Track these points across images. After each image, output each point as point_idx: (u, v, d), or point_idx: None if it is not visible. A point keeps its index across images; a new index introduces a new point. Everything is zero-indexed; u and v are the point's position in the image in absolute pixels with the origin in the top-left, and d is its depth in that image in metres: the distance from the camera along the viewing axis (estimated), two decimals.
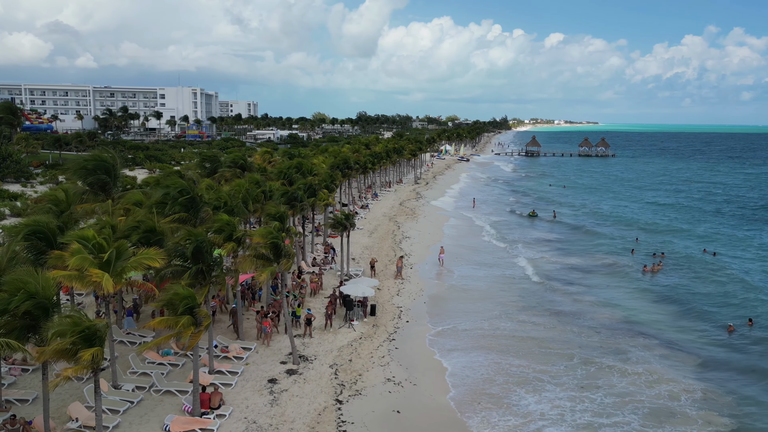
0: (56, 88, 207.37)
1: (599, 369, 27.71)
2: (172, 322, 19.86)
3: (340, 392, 24.14)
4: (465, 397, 24.71)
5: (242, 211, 32.18)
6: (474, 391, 25.22)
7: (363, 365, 26.93)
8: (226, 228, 26.64)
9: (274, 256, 25.26)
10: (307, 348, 28.38)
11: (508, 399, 24.59)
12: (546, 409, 23.71)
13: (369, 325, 32.07)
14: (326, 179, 52.07)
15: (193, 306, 20.15)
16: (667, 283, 43.23)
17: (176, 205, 27.77)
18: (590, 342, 31.25)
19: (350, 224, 37.69)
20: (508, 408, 23.80)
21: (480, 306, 36.76)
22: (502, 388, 25.58)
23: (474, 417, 23.04)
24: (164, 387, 23.11)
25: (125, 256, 21.52)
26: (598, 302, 38.09)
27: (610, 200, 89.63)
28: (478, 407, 23.83)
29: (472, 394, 24.93)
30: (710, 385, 26.52)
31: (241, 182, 36.16)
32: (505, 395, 24.91)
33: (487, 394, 25.04)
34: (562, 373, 27.09)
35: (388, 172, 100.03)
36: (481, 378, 26.58)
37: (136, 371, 24.55)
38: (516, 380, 26.32)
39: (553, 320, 34.47)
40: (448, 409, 23.71)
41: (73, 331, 16.06)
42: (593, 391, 25.47)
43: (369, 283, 33.94)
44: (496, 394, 25.04)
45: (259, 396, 23.31)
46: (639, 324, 34.45)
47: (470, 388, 25.50)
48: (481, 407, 23.83)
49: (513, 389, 25.43)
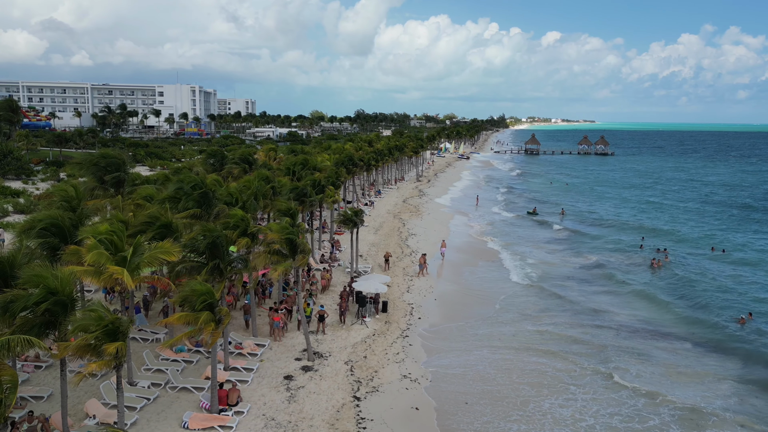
0: (54, 86, 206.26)
1: (620, 369, 27.51)
2: (192, 319, 19.61)
3: (357, 389, 23.92)
4: (483, 395, 24.50)
5: (253, 206, 31.91)
6: (492, 390, 25.01)
7: (378, 362, 26.71)
8: (241, 224, 26.38)
9: (289, 252, 25.00)
10: (321, 345, 28.15)
11: (526, 397, 24.41)
12: (568, 413, 23.44)
13: (381, 321, 31.85)
14: (332, 175, 51.82)
15: (212, 302, 19.90)
16: (677, 280, 43.09)
17: (189, 201, 27.51)
18: (609, 340, 31.04)
19: (359, 220, 37.45)
20: (527, 406, 23.62)
21: (491, 303, 36.58)
22: (520, 386, 25.41)
23: (494, 414, 22.84)
24: (180, 384, 22.85)
25: (140, 251, 21.27)
26: (612, 300, 37.83)
27: (613, 198, 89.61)
28: (498, 405, 23.63)
29: (491, 392, 24.72)
30: (740, 382, 26.23)
31: (250, 178, 35.88)
32: (523, 394, 24.72)
33: (505, 392, 24.85)
34: (585, 374, 26.80)
35: (390, 170, 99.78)
36: (500, 376, 26.38)
37: (150, 368, 24.28)
38: (535, 380, 26.13)
39: (569, 318, 34.28)
40: (466, 406, 23.49)
41: (97, 326, 15.79)
42: (618, 390, 25.26)
43: (381, 279, 33.72)
44: (512, 392, 24.85)
45: (276, 393, 23.08)
46: (655, 321, 34.32)
47: (489, 387, 25.29)
48: (501, 405, 23.64)
49: (532, 389, 25.24)
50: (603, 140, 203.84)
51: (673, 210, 78.63)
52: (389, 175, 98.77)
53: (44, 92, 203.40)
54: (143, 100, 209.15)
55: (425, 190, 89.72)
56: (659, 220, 70.63)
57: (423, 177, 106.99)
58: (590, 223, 68.28)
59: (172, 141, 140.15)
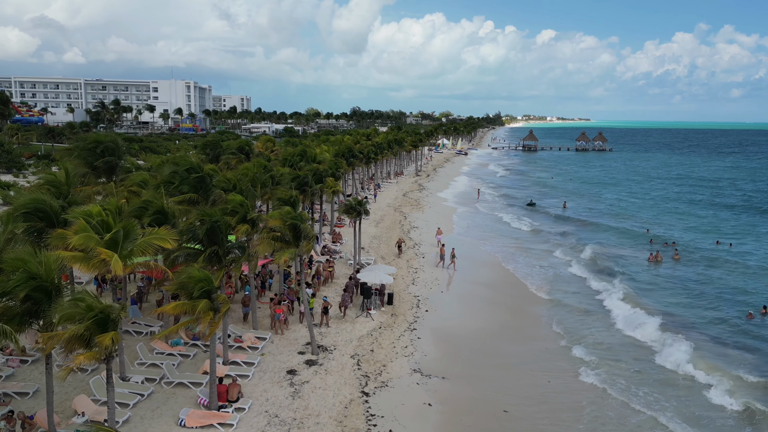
0: (47, 81, 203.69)
1: (639, 370, 26.19)
2: (189, 307, 18.09)
3: (365, 384, 22.46)
4: (497, 391, 23.10)
5: (252, 194, 30.33)
6: (505, 386, 23.62)
7: (386, 355, 25.26)
8: (240, 209, 24.85)
9: (293, 239, 23.48)
10: (325, 338, 26.67)
11: (544, 389, 23.03)
12: None
13: (387, 314, 30.39)
14: (331, 167, 50.29)
15: (209, 290, 18.40)
16: (688, 274, 41.82)
17: (185, 185, 25.97)
18: (621, 336, 29.71)
19: (363, 209, 35.93)
20: (545, 399, 22.24)
21: (500, 297, 35.22)
22: (535, 379, 24.04)
23: (510, 410, 21.44)
24: (176, 379, 21.35)
25: (133, 237, 19.74)
26: (623, 294, 36.25)
27: (614, 192, 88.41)
28: (511, 400, 22.23)
29: (504, 388, 23.33)
30: None
31: (248, 166, 34.34)
32: (538, 387, 23.34)
33: (520, 388, 23.47)
34: (603, 372, 25.43)
35: (388, 164, 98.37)
36: (513, 371, 25.00)
37: (144, 362, 22.75)
38: (550, 374, 24.77)
39: (577, 311, 32.93)
40: (482, 402, 22.08)
41: (87, 316, 14.26)
42: (640, 386, 23.93)
43: (386, 270, 32.24)
44: (530, 388, 23.46)
45: (279, 388, 21.59)
46: (670, 315, 32.95)
47: (501, 382, 23.91)
48: (519, 401, 22.25)
49: (548, 382, 23.87)
50: (601, 136, 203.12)
51: (675, 204, 77.54)
52: (388, 170, 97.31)
53: (37, 88, 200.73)
54: (137, 96, 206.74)
55: (425, 184, 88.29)
56: (663, 214, 69.46)
57: (422, 172, 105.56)
58: (593, 215, 66.95)
59: (167, 136, 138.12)
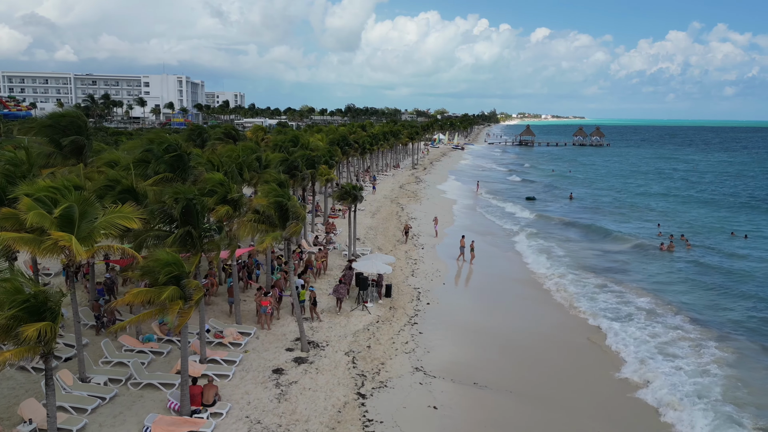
0: (36, 76, 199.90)
1: None
2: (154, 295, 15.40)
3: (362, 384, 19.81)
4: (508, 393, 20.52)
5: (236, 176, 27.63)
6: (515, 385, 21.04)
7: (384, 352, 22.62)
8: (219, 189, 22.16)
9: (279, 220, 20.76)
10: (317, 333, 24.00)
11: (573, 389, 20.48)
12: None
13: (385, 307, 27.75)
14: (325, 154, 47.58)
15: (179, 275, 15.71)
16: (701, 265, 39.37)
17: (161, 164, 23.23)
18: (645, 330, 27.19)
19: (358, 195, 33.25)
20: (563, 398, 19.70)
21: (504, 291, 32.66)
22: (550, 380, 21.48)
23: (525, 412, 18.88)
24: (144, 379, 18.65)
25: (92, 216, 17.04)
26: (636, 287, 33.65)
27: (617, 185, 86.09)
28: (523, 400, 19.66)
29: (515, 389, 20.75)
30: None
31: (233, 147, 31.61)
32: (563, 385, 20.78)
33: (535, 387, 20.90)
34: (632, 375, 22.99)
35: (384, 157, 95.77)
36: (527, 369, 22.43)
37: (110, 360, 20.05)
38: (566, 376, 22.22)
39: (595, 308, 30.39)
40: (493, 405, 19.50)
41: (13, 301, 11.58)
42: None
43: (384, 259, 29.57)
44: (543, 388, 20.89)
45: (262, 389, 18.93)
46: (679, 308, 30.46)
47: (511, 376, 21.33)
48: (528, 399, 19.67)
49: (577, 379, 21.32)
50: (598, 132, 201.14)
51: (684, 196, 75.27)
52: (385, 162, 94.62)
53: (26, 83, 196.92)
54: (128, 91, 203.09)
55: (422, 177, 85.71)
56: (671, 206, 67.16)
57: (419, 165, 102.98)
58: (599, 208, 64.52)
59: (158, 131, 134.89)
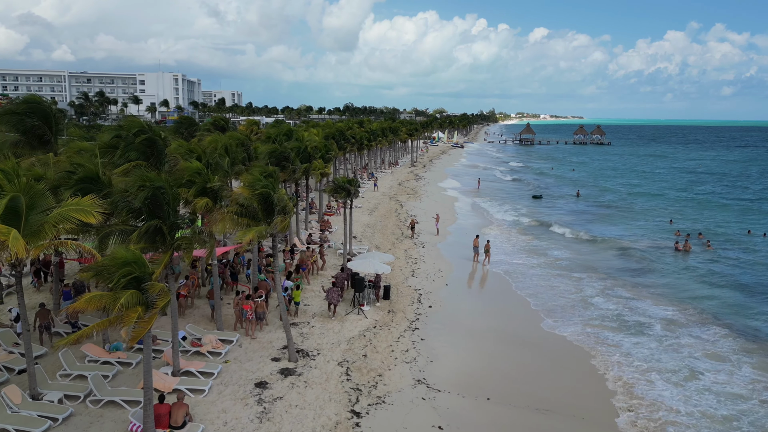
0: (30, 73, 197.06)
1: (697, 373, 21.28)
2: (108, 301, 12.96)
3: (356, 400, 17.37)
4: (528, 410, 18.09)
5: (219, 166, 25.16)
6: (536, 400, 18.62)
7: (383, 362, 20.19)
8: (197, 178, 19.70)
9: (263, 213, 18.29)
10: (307, 340, 21.57)
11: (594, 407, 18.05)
12: None
13: (383, 310, 25.32)
14: (321, 148, 45.14)
15: (140, 277, 13.26)
16: (723, 266, 37.02)
17: (132, 151, 20.76)
18: (672, 341, 24.80)
19: (354, 189, 30.81)
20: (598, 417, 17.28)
21: (518, 290, 30.24)
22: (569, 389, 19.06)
23: None
24: (106, 396, 16.19)
25: (42, 207, 14.65)
26: (655, 291, 31.10)
27: (623, 183, 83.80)
28: (549, 419, 17.23)
29: (537, 405, 18.32)
30: None
31: (217, 137, 29.15)
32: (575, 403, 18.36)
33: (561, 403, 18.47)
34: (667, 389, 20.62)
35: (383, 154, 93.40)
36: (549, 381, 20.01)
37: (69, 374, 17.61)
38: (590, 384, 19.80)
39: (614, 311, 27.98)
40: (510, 424, 17.08)
41: None
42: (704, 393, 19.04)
43: (382, 258, 27.15)
44: (574, 404, 18.46)
45: (242, 407, 16.48)
46: (698, 310, 28.07)
47: (531, 398, 18.90)
48: (553, 418, 17.25)
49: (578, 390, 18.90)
50: (599, 130, 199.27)
51: (693, 194, 73.00)
52: (382, 158, 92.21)
53: (20, 80, 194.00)
54: (124, 89, 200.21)
55: (421, 174, 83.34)
56: (679, 204, 64.87)
57: (418, 163, 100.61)
58: (608, 206, 62.14)
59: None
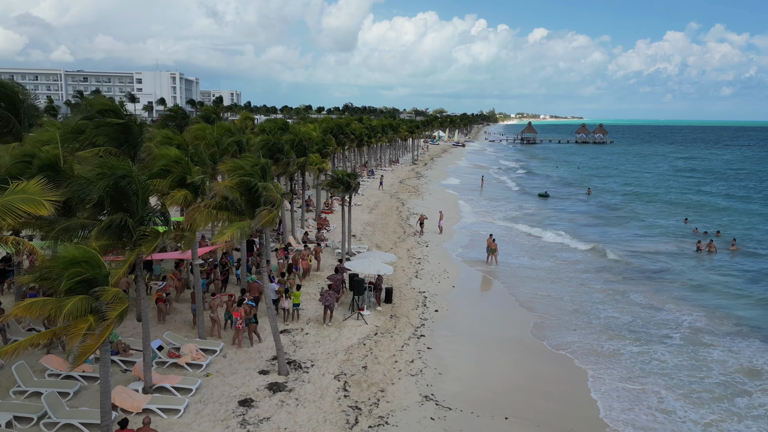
0: (26, 72, 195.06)
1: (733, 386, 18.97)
2: (52, 308, 10.65)
3: (355, 421, 15.05)
4: (550, 429, 15.77)
5: (204, 158, 22.86)
6: (561, 419, 16.29)
7: (385, 375, 17.86)
8: (175, 168, 17.36)
9: (247, 206, 15.93)
10: (300, 349, 19.24)
11: None
12: None
13: (385, 315, 23.00)
14: (319, 143, 42.91)
15: (91, 278, 10.94)
16: (741, 265, 34.76)
17: (101, 136, 18.37)
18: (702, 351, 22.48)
19: (354, 184, 28.50)
20: None
21: (534, 293, 27.93)
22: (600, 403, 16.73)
23: None
24: (62, 418, 13.86)
25: None
26: (676, 295, 28.56)
27: (632, 181, 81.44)
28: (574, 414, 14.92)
29: (563, 426, 15.99)
30: None
31: (204, 126, 26.83)
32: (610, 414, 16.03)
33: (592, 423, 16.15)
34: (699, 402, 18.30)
35: (383, 152, 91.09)
36: (576, 395, 17.69)
37: (24, 391, 15.28)
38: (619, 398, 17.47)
39: (636, 318, 25.65)
40: None
41: None
42: None
43: (383, 258, 24.83)
44: None
45: (222, 430, 14.15)
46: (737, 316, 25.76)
47: (556, 416, 16.58)
48: None
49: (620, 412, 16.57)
50: (601, 129, 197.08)
51: (707, 190, 70.73)
52: (381, 156, 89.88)
53: (15, 79, 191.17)
54: (120, 88, 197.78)
55: (423, 172, 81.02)
56: (694, 201, 62.60)
57: (419, 161, 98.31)
58: (618, 206, 59.63)
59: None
